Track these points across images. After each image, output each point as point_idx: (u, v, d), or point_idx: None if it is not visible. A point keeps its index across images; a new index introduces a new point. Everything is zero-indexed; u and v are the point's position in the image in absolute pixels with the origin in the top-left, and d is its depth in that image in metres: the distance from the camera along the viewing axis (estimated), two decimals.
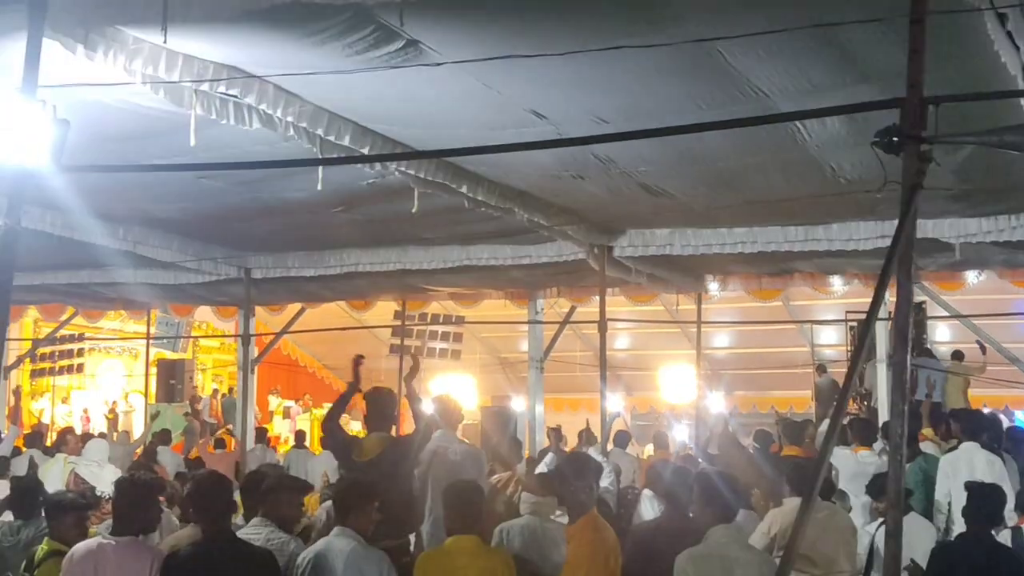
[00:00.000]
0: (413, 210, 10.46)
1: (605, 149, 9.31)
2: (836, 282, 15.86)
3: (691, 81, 7.55)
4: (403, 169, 9.58)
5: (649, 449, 16.45)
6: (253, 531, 5.97)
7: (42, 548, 6.27)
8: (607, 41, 6.79)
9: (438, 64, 7.15)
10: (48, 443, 13.88)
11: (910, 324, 5.37)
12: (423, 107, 8.33)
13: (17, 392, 20.99)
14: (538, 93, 7.94)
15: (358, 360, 7.93)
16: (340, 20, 6.69)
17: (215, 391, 25.52)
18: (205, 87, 7.58)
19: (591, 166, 10.07)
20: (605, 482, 10.27)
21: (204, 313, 20.77)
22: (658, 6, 6.43)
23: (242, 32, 6.90)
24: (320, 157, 8.72)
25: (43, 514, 7.01)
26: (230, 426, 20.20)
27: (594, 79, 7.56)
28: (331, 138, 8.55)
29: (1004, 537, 7.20)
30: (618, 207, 11.97)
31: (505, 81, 7.54)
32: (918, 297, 15.17)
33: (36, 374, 24.91)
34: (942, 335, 17.61)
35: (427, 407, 8.30)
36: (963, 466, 9.24)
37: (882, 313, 5.33)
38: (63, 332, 21.90)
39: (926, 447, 10.57)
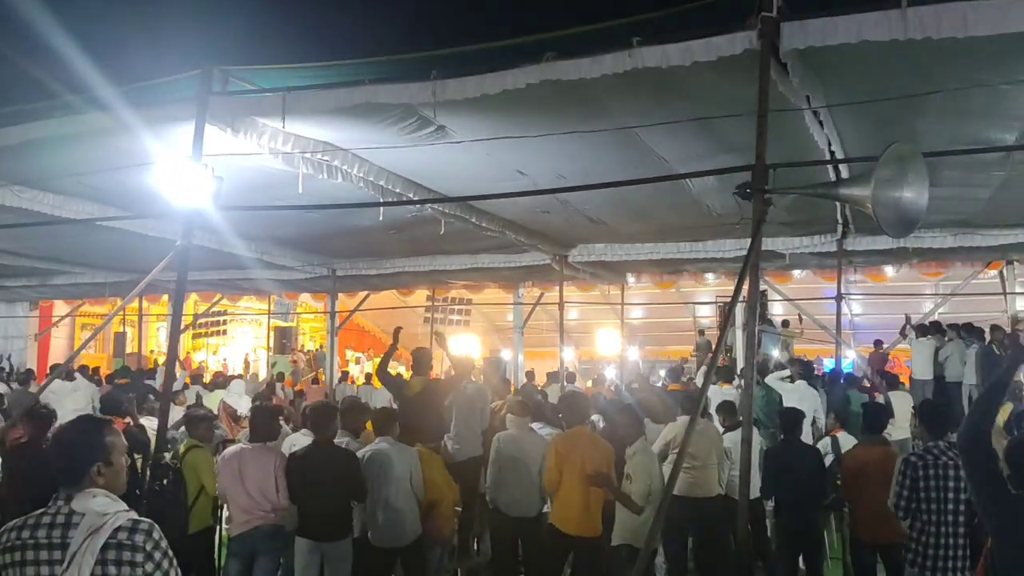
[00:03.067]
0: (441, 232, 10.51)
1: (564, 195, 9.35)
2: (710, 278, 15.93)
3: (619, 152, 7.61)
4: (434, 207, 9.62)
5: (590, 384, 16.48)
6: (338, 439, 6.00)
7: (184, 444, 6.25)
8: (565, 128, 6.86)
9: (458, 142, 7.21)
10: (205, 381, 13.84)
11: (757, 304, 5.43)
12: (448, 167, 8.36)
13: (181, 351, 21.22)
14: (522, 159, 7.98)
15: (398, 330, 7.95)
16: (395, 113, 6.75)
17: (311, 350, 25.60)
18: (308, 155, 7.62)
19: (555, 206, 10.13)
20: None
21: (305, 297, 20.75)
22: (597, 105, 6.48)
23: (332, 120, 6.94)
24: (380, 200, 8.76)
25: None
26: (321, 370, 20.19)
27: (558, 151, 7.59)
28: (389, 187, 8.59)
29: (825, 443, 7.22)
30: (571, 231, 12.04)
31: (501, 152, 7.58)
32: (761, 287, 15.26)
33: (196, 336, 24.84)
34: (777, 311, 17.64)
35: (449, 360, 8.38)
36: (796, 396, 9.23)
37: (740, 298, 5.36)
38: (214, 309, 21.86)
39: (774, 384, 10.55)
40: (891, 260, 13.36)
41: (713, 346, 14.24)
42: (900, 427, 8.67)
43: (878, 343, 14.93)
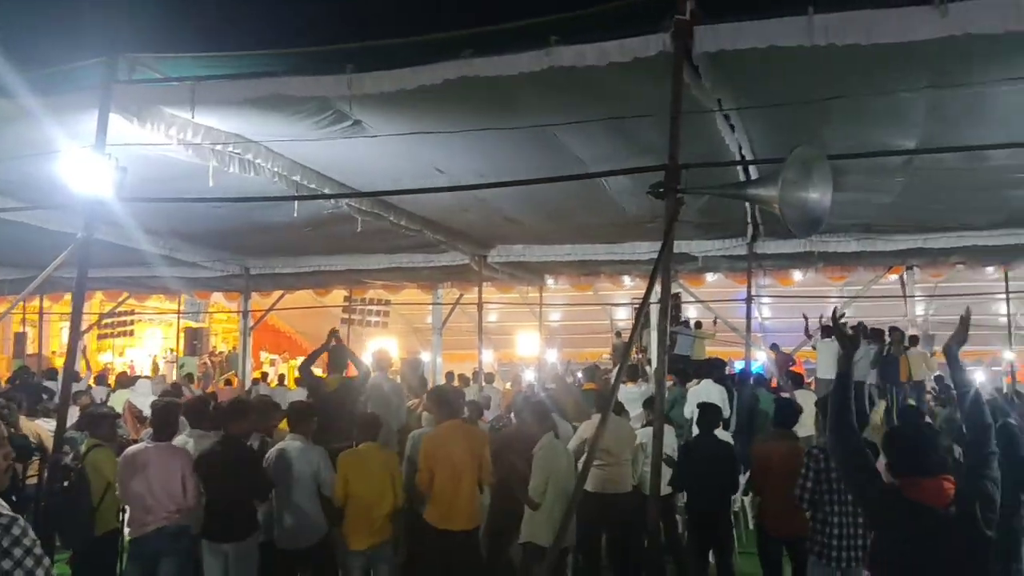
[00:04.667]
0: (358, 230, 10.36)
1: (482, 193, 9.33)
2: (627, 280, 16.15)
3: (537, 152, 7.61)
4: (350, 203, 9.47)
5: (508, 385, 16.51)
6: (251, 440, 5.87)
7: (85, 444, 6.03)
8: (483, 124, 6.84)
9: (375, 136, 7.11)
10: (110, 382, 13.34)
11: (669, 305, 5.51)
12: (365, 164, 8.24)
13: (85, 349, 20.38)
14: (440, 156, 7.92)
15: (333, 331, 7.87)
16: (310, 107, 6.62)
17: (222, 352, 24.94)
18: (219, 147, 7.41)
19: (474, 204, 10.09)
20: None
21: (217, 297, 20.17)
22: (515, 104, 6.48)
23: (244, 112, 6.76)
24: (295, 195, 8.58)
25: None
26: (234, 372, 19.72)
27: (477, 149, 7.58)
28: (304, 182, 8.42)
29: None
30: (490, 230, 12.03)
31: (419, 148, 7.50)
32: (675, 289, 15.57)
33: (101, 337, 23.91)
34: (691, 313, 18.01)
35: (368, 357, 8.31)
36: (703, 394, 9.51)
37: (653, 298, 5.45)
38: (120, 308, 21.08)
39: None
40: (798, 264, 13.78)
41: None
42: (805, 425, 8.92)
43: (775, 346, 15.43)
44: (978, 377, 22.58)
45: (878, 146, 7.27)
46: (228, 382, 17.88)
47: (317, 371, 8.22)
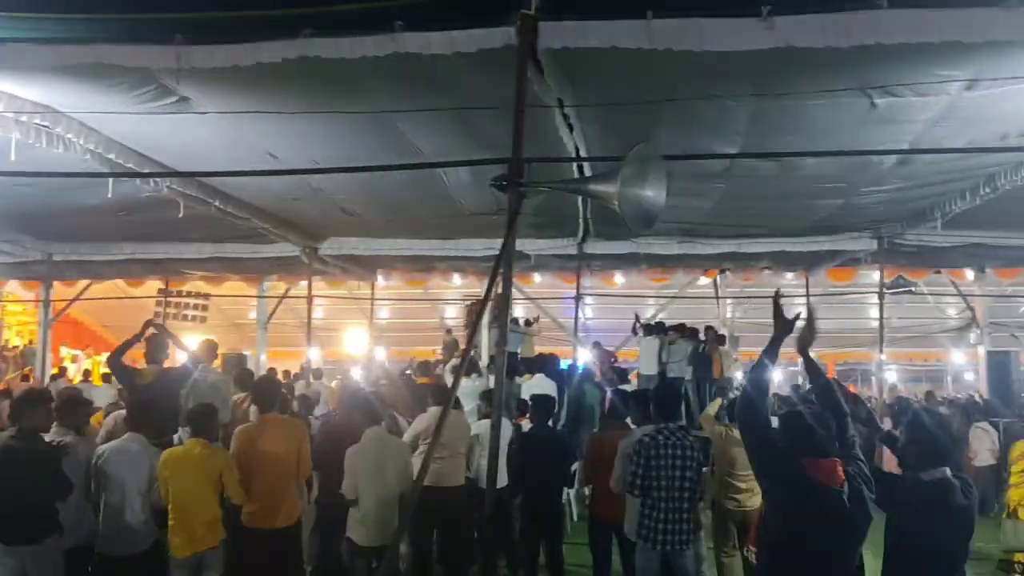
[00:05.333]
0: (179, 216, 9.76)
1: (317, 181, 9.05)
2: (457, 279, 16.20)
3: (377, 140, 7.46)
4: (171, 186, 8.92)
5: (335, 383, 16.15)
6: (54, 432, 5.38)
7: None
8: (321, 108, 6.62)
9: (203, 114, 6.71)
10: None
11: (510, 296, 5.53)
12: (190, 144, 7.75)
13: None
14: (274, 140, 7.60)
15: (148, 322, 7.36)
16: (130, 79, 6.16)
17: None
18: (24, 118, 6.74)
19: (308, 193, 9.76)
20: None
21: (13, 285, 18.38)
22: (357, 89, 6.32)
23: (55, 81, 6.19)
24: (110, 172, 7.95)
25: None
26: (30, 368, 18.12)
27: (313, 134, 7.34)
28: (120, 161, 7.82)
29: None
30: (323, 221, 11.69)
31: (251, 130, 7.18)
32: None
33: None
34: (520, 312, 18.31)
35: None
36: (535, 389, 9.62)
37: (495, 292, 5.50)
38: None
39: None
40: (624, 265, 14.32)
41: (460, 345, 14.53)
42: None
43: (597, 344, 16.00)
44: (775, 376, 24.46)
45: (703, 151, 7.64)
46: (25, 377, 16.43)
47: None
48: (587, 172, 8.05)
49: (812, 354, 3.72)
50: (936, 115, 6.66)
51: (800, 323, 3.67)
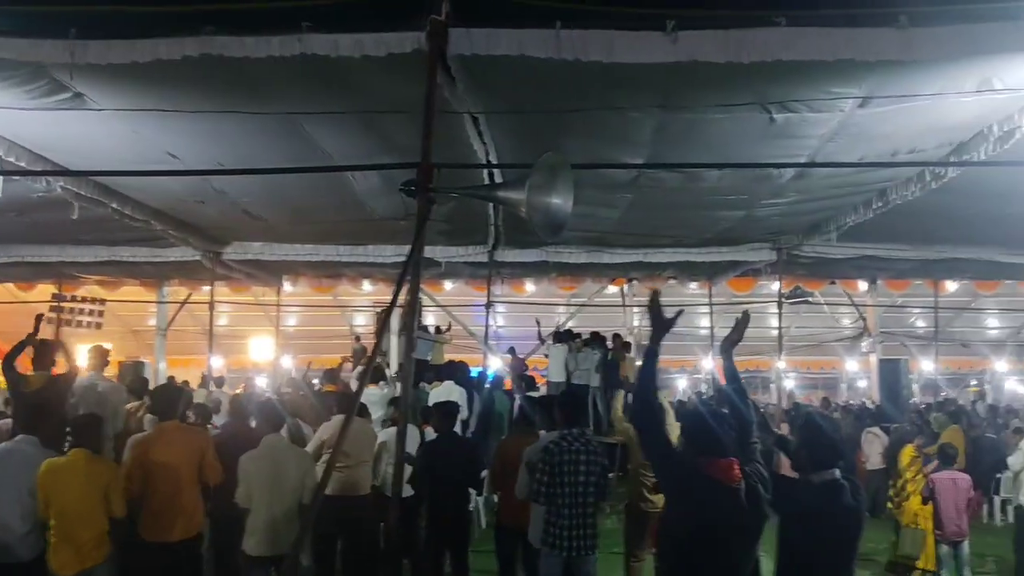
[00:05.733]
0: (74, 217, 9.33)
1: (220, 183, 8.80)
2: (367, 285, 16.01)
3: (283, 143, 7.29)
4: (65, 185, 8.52)
5: (239, 390, 15.71)
6: None
7: None
8: (224, 108, 6.44)
9: (99, 110, 6.44)
10: None
11: (418, 303, 5.48)
12: (86, 143, 7.43)
13: None
14: (174, 140, 7.34)
15: (39, 316, 7.00)
16: (21, 73, 5.86)
17: None
18: None
19: (210, 195, 9.48)
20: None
21: None
22: (262, 89, 6.17)
23: None
24: None
25: None
26: None
27: (217, 135, 7.14)
28: (10, 159, 7.44)
29: None
30: (227, 225, 11.36)
31: (150, 129, 6.92)
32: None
33: None
34: (431, 320, 18.21)
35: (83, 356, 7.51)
36: (444, 396, 9.57)
37: (402, 299, 5.45)
38: None
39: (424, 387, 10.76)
40: (534, 273, 14.42)
41: (368, 352, 14.34)
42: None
43: (512, 350, 16.06)
44: (680, 384, 25.06)
45: (611, 161, 7.76)
46: None
47: None
48: (498, 179, 8.08)
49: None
50: (831, 131, 6.93)
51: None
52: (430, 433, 7.07)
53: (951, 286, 16.93)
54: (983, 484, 11.59)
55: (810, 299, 16.93)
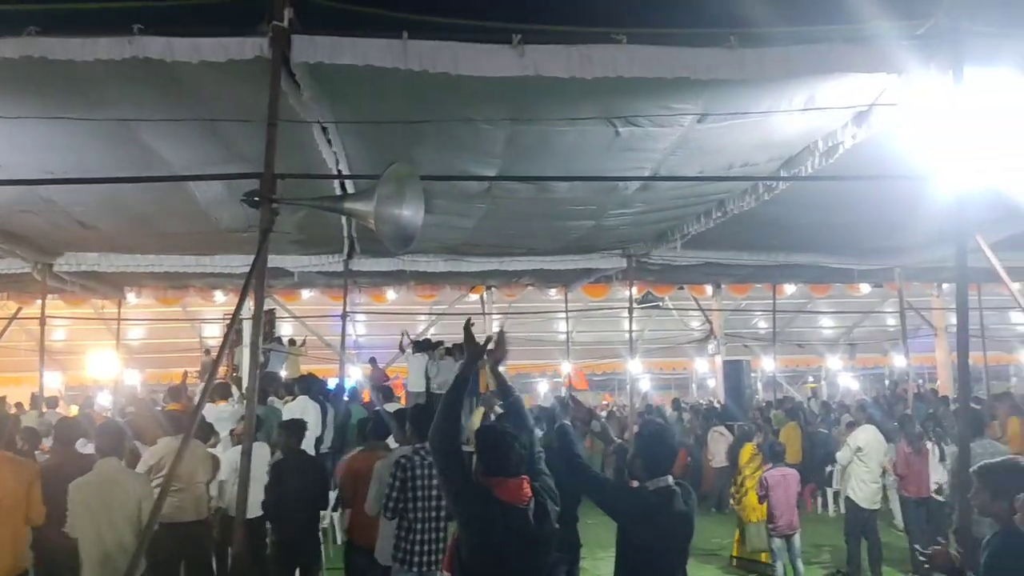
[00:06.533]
0: None
1: (49, 192, 8.21)
2: (218, 295, 15.38)
3: (119, 151, 6.88)
4: None
5: (74, 409, 14.78)
6: None
7: None
8: (51, 113, 6.02)
9: None
10: None
11: (261, 318, 5.29)
12: None
13: None
14: None
15: None
16: None
17: None
18: None
19: (39, 205, 8.83)
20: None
21: None
22: (92, 94, 5.81)
23: None
24: None
25: None
26: None
27: (45, 142, 6.66)
28: None
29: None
30: (58, 235, 10.59)
31: None
32: (270, 305, 15.22)
33: None
34: (286, 330, 17.73)
35: None
36: (298, 411, 9.30)
37: (245, 312, 5.27)
38: None
39: (275, 403, 10.41)
40: (391, 281, 14.27)
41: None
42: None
43: (372, 360, 15.86)
44: (542, 387, 25.47)
45: (463, 173, 7.78)
46: None
47: None
48: (349, 187, 7.93)
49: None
50: (672, 145, 7.19)
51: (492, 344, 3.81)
52: None
53: (789, 289, 17.98)
54: (817, 477, 12.36)
55: (660, 304, 17.61)
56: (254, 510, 6.05)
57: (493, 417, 7.09)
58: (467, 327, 3.79)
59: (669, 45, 5.58)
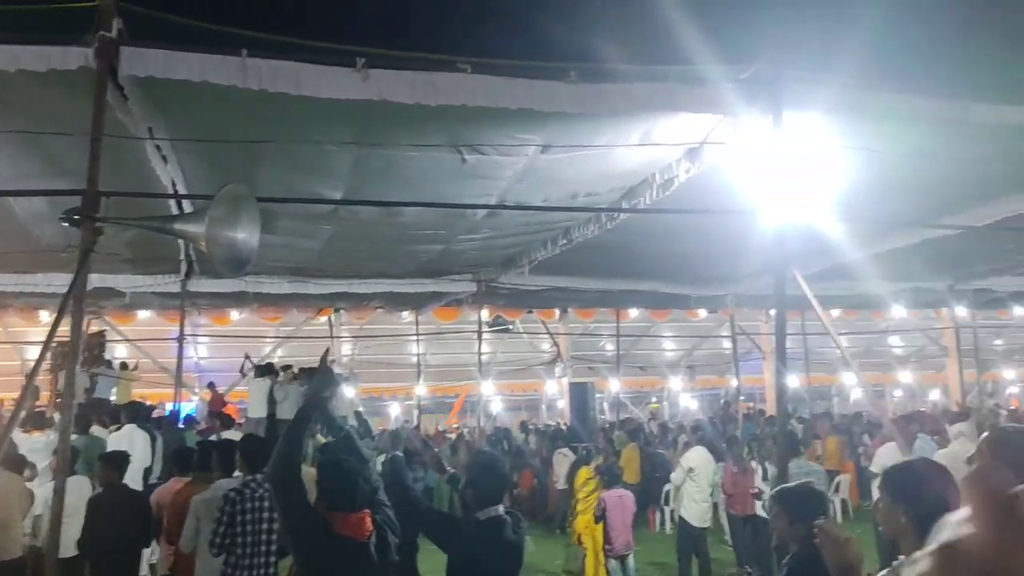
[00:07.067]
0: None
1: None
2: (44, 315, 14.29)
3: None
4: None
5: None
6: None
7: None
8: None
9: None
10: None
11: (79, 342, 4.96)
12: None
13: None
14: None
15: None
16: None
17: None
18: None
19: None
20: None
21: None
22: None
23: None
24: None
25: None
26: None
27: None
28: None
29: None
30: None
31: None
32: (101, 327, 14.35)
33: None
34: (120, 353, 16.67)
35: None
36: (125, 441, 8.72)
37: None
38: None
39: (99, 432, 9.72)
40: (233, 303, 13.77)
41: (41, 391, 12.79)
42: None
43: (211, 385, 15.20)
44: (393, 410, 25.14)
45: (307, 194, 7.62)
46: None
47: None
48: (187, 207, 7.59)
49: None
50: (518, 173, 7.31)
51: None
52: None
53: (633, 313, 18.58)
54: (656, 497, 12.78)
55: (510, 327, 17.80)
56: (70, 548, 5.63)
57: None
58: (324, 357, 3.67)
59: (513, 76, 5.68)
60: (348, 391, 13.96)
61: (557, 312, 18.37)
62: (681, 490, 9.05)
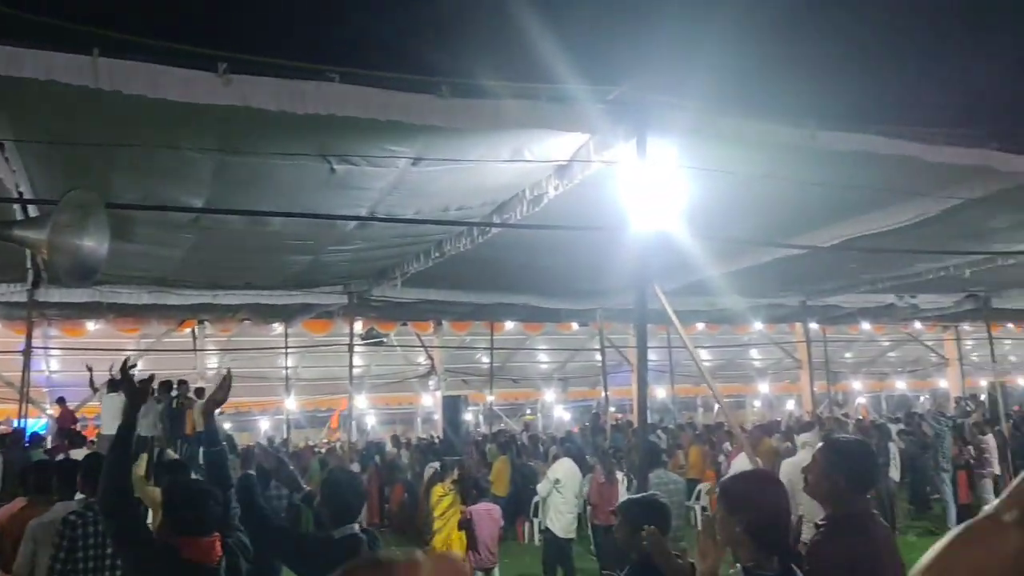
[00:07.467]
0: None
1: None
2: None
3: None
4: None
5: None
6: None
7: None
8: None
9: None
10: None
11: None
12: None
13: None
14: None
15: None
16: None
17: None
18: None
19: None
20: None
21: None
22: None
23: None
24: None
25: None
26: None
27: None
28: None
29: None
30: None
31: None
32: None
33: None
34: None
35: None
36: None
37: None
38: None
39: None
40: (86, 314, 13.03)
41: None
42: None
43: (61, 400, 14.32)
44: (263, 425, 24.35)
45: (167, 200, 7.29)
46: None
47: None
48: (33, 213, 7.12)
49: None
50: (389, 185, 7.25)
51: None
52: None
53: (507, 326, 18.73)
54: (524, 509, 12.88)
55: (384, 340, 17.58)
56: None
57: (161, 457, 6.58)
58: (124, 368, 3.48)
59: (383, 88, 5.63)
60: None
61: (432, 325, 18.28)
62: (547, 501, 9.14)
